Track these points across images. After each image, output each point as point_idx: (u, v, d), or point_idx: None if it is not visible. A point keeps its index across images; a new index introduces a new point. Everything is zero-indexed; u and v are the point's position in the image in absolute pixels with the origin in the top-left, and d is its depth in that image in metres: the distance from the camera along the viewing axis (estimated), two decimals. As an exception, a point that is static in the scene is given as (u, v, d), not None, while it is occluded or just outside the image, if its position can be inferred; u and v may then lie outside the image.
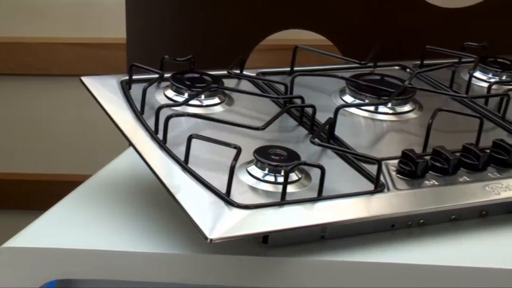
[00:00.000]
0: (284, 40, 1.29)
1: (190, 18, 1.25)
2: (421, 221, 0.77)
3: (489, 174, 0.78)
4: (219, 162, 0.75)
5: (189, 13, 1.25)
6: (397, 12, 1.23)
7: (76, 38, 1.64)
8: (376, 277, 0.72)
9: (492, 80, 0.98)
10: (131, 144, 0.77)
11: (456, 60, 1.02)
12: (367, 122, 0.88)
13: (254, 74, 0.95)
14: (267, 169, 0.74)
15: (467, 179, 0.78)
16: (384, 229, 0.75)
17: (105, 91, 0.86)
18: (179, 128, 0.80)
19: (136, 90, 0.86)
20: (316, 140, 0.78)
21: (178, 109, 0.83)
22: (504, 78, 0.99)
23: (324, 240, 0.73)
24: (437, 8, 1.23)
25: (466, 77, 0.97)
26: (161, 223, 0.76)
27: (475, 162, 0.78)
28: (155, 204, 0.80)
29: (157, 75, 0.87)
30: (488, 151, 0.79)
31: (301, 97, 0.86)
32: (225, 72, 0.93)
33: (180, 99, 0.86)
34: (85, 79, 0.86)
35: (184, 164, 0.74)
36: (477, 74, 1.00)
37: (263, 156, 0.74)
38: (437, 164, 0.78)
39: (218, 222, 0.68)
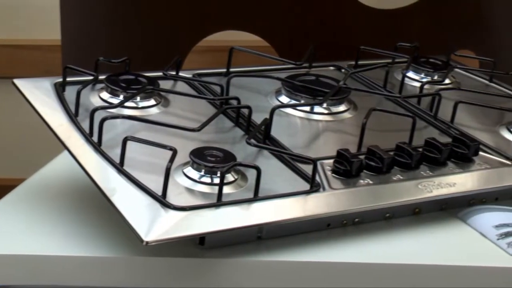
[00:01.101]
0: (222, 41, 1.29)
1: (126, 19, 1.24)
2: (356, 219, 0.78)
3: (422, 172, 0.80)
4: (155, 164, 0.74)
5: (125, 14, 1.24)
6: (332, 13, 1.25)
7: (7, 40, 1.61)
8: (312, 276, 0.72)
9: (424, 80, 1.00)
10: (65, 147, 0.76)
11: (390, 60, 1.04)
12: (303, 122, 0.88)
13: (190, 76, 0.95)
14: (203, 170, 0.74)
15: (401, 177, 0.79)
16: (320, 228, 0.76)
17: (39, 93, 0.84)
18: (114, 131, 0.80)
19: (70, 93, 0.85)
20: (252, 141, 0.78)
21: (113, 111, 0.82)
22: (435, 78, 1.01)
23: (260, 240, 0.74)
24: (371, 9, 1.24)
25: (399, 77, 0.99)
26: (97, 227, 0.75)
27: (408, 160, 0.80)
28: (91, 207, 0.79)
29: (91, 77, 0.87)
30: (420, 149, 0.81)
31: (237, 98, 0.86)
32: (160, 73, 0.93)
33: (115, 101, 0.85)
34: (17, 82, 0.85)
35: (119, 167, 0.73)
36: (410, 74, 1.02)
37: (199, 157, 0.74)
38: (372, 163, 0.79)
39: (154, 225, 0.67)
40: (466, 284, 0.73)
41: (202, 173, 0.74)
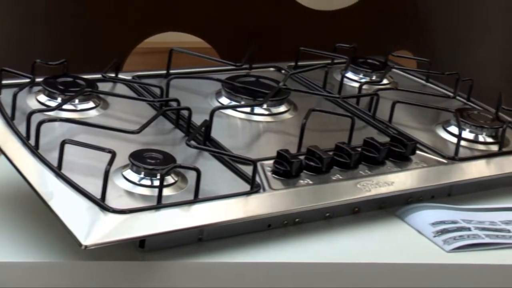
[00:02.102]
0: (163, 43, 1.28)
1: (65, 21, 1.22)
2: (297, 219, 0.78)
3: (361, 172, 0.81)
4: (94, 167, 0.74)
5: (64, 16, 1.23)
6: (272, 14, 1.25)
7: None
8: (254, 277, 0.73)
9: (363, 80, 1.01)
10: (1, 151, 0.75)
11: (329, 61, 1.05)
12: (243, 124, 0.89)
13: (129, 77, 0.95)
14: (142, 173, 0.73)
15: (340, 177, 0.80)
16: (261, 229, 0.77)
17: (-27, 97, 0.83)
18: (52, 134, 0.79)
19: (6, 96, 0.83)
20: (192, 142, 0.78)
21: (51, 114, 0.81)
22: (374, 78, 1.02)
23: (201, 242, 0.74)
24: (310, 10, 1.25)
25: (339, 78, 1.00)
26: (36, 232, 0.74)
27: (347, 160, 0.81)
28: (31, 212, 0.78)
29: (28, 80, 0.85)
30: (359, 149, 0.82)
31: (177, 100, 0.86)
32: (99, 75, 0.92)
33: (53, 104, 0.84)
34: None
35: (57, 170, 0.73)
36: (349, 74, 1.03)
37: (139, 160, 0.74)
38: (311, 163, 0.79)
39: (93, 228, 0.67)
40: (404, 281, 0.74)
41: (142, 175, 0.73)
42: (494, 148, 0.89)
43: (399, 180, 0.81)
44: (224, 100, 0.92)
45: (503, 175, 0.88)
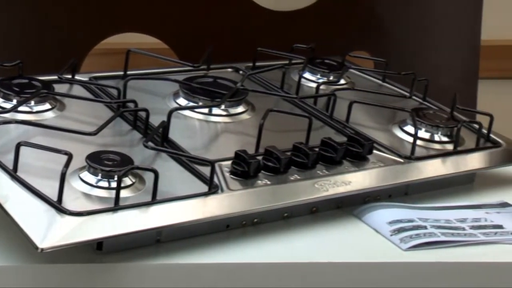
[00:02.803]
0: (121, 44, 1.28)
1: (20, 21, 1.21)
2: (255, 220, 0.79)
3: (318, 172, 0.81)
4: (50, 169, 0.73)
5: (19, 16, 1.21)
6: (230, 15, 1.25)
7: None
8: (213, 278, 0.73)
9: (320, 80, 1.02)
10: (-46, 154, 0.74)
11: (287, 62, 1.05)
12: (201, 124, 0.89)
13: (86, 79, 0.94)
14: (100, 174, 0.73)
15: (298, 177, 0.80)
16: (220, 229, 0.77)
17: None
18: (7, 136, 0.78)
19: (-40, 98, 0.82)
20: (150, 143, 0.78)
21: (6, 116, 0.80)
22: (331, 78, 1.03)
23: (160, 243, 0.74)
24: (268, 11, 1.26)
25: (296, 78, 1.00)
26: (-9, 235, 0.74)
27: (305, 160, 0.81)
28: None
29: (-18, 82, 0.84)
30: (317, 149, 0.82)
31: (134, 101, 0.85)
32: (56, 77, 0.91)
33: (8, 105, 0.83)
34: None
35: (12, 173, 0.72)
36: (306, 75, 1.03)
37: (96, 161, 0.73)
38: (269, 163, 0.80)
39: (50, 231, 0.66)
40: (362, 280, 0.75)
41: (99, 177, 0.73)
42: (449, 147, 0.91)
43: (356, 180, 0.82)
44: (182, 101, 0.92)
45: (458, 174, 0.89)
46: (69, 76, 0.93)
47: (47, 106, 0.85)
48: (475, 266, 0.76)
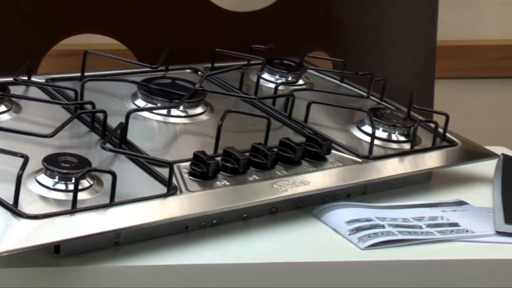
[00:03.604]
0: (79, 45, 1.27)
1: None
2: (214, 221, 0.79)
3: (277, 172, 0.82)
4: (6, 172, 0.72)
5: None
6: (189, 16, 1.25)
7: None
8: (172, 279, 0.72)
9: (279, 81, 1.02)
10: None
11: (245, 63, 1.05)
12: (160, 126, 0.88)
13: (43, 80, 0.93)
14: (57, 177, 0.72)
15: (257, 177, 0.80)
16: (179, 231, 0.77)
17: None
18: (-38, 139, 0.77)
19: None
20: (107, 145, 0.78)
21: (-39, 118, 0.79)
22: (290, 79, 1.03)
23: (118, 245, 0.73)
24: (226, 11, 1.26)
25: (255, 79, 1.01)
26: None
27: (264, 161, 0.81)
28: None
29: None
30: (275, 149, 0.83)
31: (91, 103, 0.85)
32: (11, 78, 0.90)
33: (-38, 108, 0.82)
34: None
35: (-33, 176, 0.71)
36: (265, 75, 1.03)
37: (53, 164, 0.73)
38: (228, 164, 0.80)
39: (6, 234, 0.66)
40: (321, 279, 0.75)
41: (56, 180, 0.72)
42: (407, 146, 0.91)
43: (315, 180, 0.83)
44: (140, 103, 0.91)
45: (415, 173, 0.90)
46: (25, 78, 0.92)
47: (2, 108, 0.84)
48: (432, 263, 0.77)
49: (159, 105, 0.90)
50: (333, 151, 0.86)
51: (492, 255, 0.78)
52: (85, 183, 0.73)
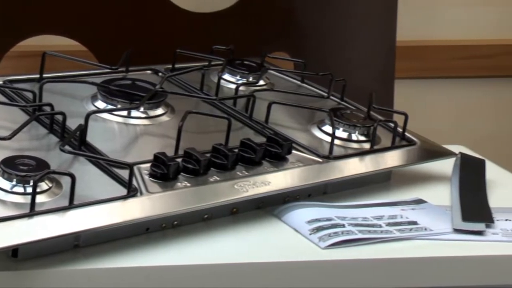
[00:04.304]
0: (39, 46, 1.25)
1: None
2: (175, 222, 0.78)
3: (238, 173, 0.82)
4: (-37, 175, 0.71)
5: None
6: (150, 17, 1.25)
7: None
8: (132, 281, 0.72)
9: (240, 81, 1.02)
10: None
11: (206, 63, 1.05)
12: (120, 127, 0.88)
13: (1, 82, 0.92)
14: (14, 180, 0.72)
15: (218, 178, 0.80)
16: (139, 233, 0.76)
17: None
18: None
19: None
20: (66, 147, 0.77)
21: None
22: (250, 79, 1.03)
23: (78, 248, 0.73)
24: (188, 12, 1.26)
25: (216, 80, 1.01)
26: None
27: (224, 161, 0.81)
28: None
29: None
30: (236, 150, 0.83)
31: (50, 105, 0.84)
32: (-32, 80, 0.89)
33: None
34: None
35: None
36: (226, 76, 1.03)
37: (10, 166, 0.72)
38: (189, 165, 0.80)
39: (-37, 239, 0.65)
40: (282, 279, 0.76)
41: (14, 182, 0.72)
42: (367, 146, 0.92)
43: (276, 180, 0.83)
44: (100, 104, 0.91)
45: (375, 172, 0.91)
46: (-18, 80, 0.91)
47: (-41, 110, 0.83)
48: (391, 262, 0.78)
49: (119, 106, 0.90)
50: (293, 151, 0.87)
51: (450, 253, 0.79)
52: (43, 185, 0.72)
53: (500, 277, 0.80)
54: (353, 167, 0.89)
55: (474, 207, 0.86)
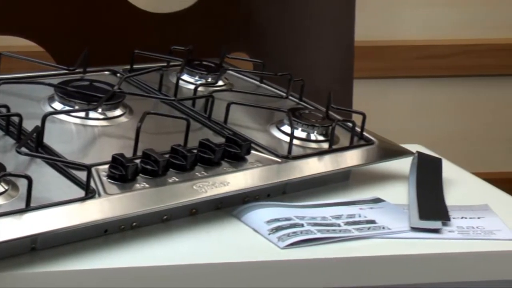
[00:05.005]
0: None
1: None
2: (134, 224, 0.78)
3: (197, 173, 0.82)
4: None
5: None
6: (108, 17, 1.24)
7: None
8: (91, 284, 0.72)
9: (199, 82, 1.02)
10: None
11: (165, 64, 1.05)
12: (78, 129, 0.87)
13: (-46, 84, 0.91)
14: (-30, 183, 0.71)
15: (176, 179, 0.80)
16: (98, 234, 0.76)
17: None
18: None
19: None
20: (23, 149, 0.76)
21: None
22: (209, 80, 1.03)
23: (35, 251, 0.72)
24: (146, 13, 1.25)
25: (174, 80, 1.00)
26: None
27: (183, 162, 0.81)
28: None
29: None
30: (195, 151, 0.83)
31: (6, 106, 0.83)
32: None
33: None
34: None
35: None
36: (185, 77, 1.03)
37: (-35, 169, 0.71)
38: (147, 166, 0.79)
39: None
40: (242, 279, 0.76)
41: (-31, 185, 0.71)
42: (325, 145, 0.93)
43: (235, 180, 0.83)
44: (57, 105, 0.90)
45: (333, 171, 0.91)
46: None
47: None
48: (350, 260, 0.78)
49: (76, 107, 0.89)
50: (252, 152, 0.87)
51: (407, 251, 0.80)
52: (-1, 188, 0.72)
53: (456, 274, 0.81)
54: (312, 166, 0.89)
55: (431, 206, 0.87)
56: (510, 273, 0.83)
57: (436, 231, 0.83)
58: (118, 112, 0.91)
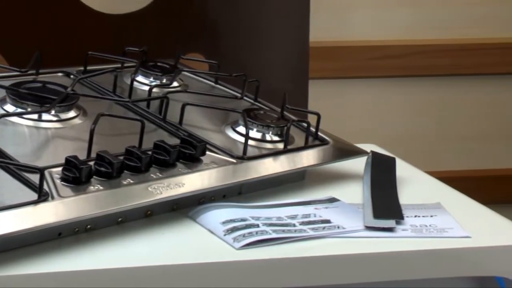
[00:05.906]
0: None
1: None
2: (89, 226, 0.78)
3: (152, 175, 0.82)
4: None
5: None
6: (61, 18, 1.23)
7: None
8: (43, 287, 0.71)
9: (153, 83, 1.02)
10: None
11: (119, 65, 1.04)
12: (31, 131, 0.86)
13: None
14: None
15: (131, 181, 0.80)
16: (51, 238, 0.75)
17: None
18: None
19: None
20: (-26, 152, 0.75)
21: None
22: (164, 81, 1.03)
23: (-14, 256, 0.71)
24: (100, 14, 1.24)
25: (129, 82, 1.00)
26: None
27: (138, 164, 0.81)
28: None
29: None
30: (150, 152, 0.82)
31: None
32: None
33: None
34: None
35: None
36: (139, 78, 1.03)
37: None
38: (101, 168, 0.79)
39: None
40: (197, 280, 0.76)
41: None
42: (280, 146, 0.93)
43: (190, 181, 0.83)
44: (10, 108, 0.89)
45: (289, 172, 0.92)
46: None
47: None
48: (305, 260, 0.79)
49: (29, 109, 0.88)
50: (208, 153, 0.87)
51: (362, 250, 0.81)
52: (-51, 192, 0.71)
53: (410, 272, 0.82)
54: (268, 167, 0.90)
55: (385, 205, 0.88)
56: (463, 271, 0.84)
57: (390, 229, 0.84)
58: (71, 114, 0.90)
